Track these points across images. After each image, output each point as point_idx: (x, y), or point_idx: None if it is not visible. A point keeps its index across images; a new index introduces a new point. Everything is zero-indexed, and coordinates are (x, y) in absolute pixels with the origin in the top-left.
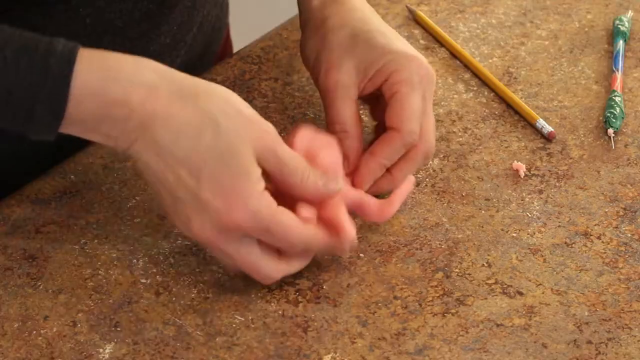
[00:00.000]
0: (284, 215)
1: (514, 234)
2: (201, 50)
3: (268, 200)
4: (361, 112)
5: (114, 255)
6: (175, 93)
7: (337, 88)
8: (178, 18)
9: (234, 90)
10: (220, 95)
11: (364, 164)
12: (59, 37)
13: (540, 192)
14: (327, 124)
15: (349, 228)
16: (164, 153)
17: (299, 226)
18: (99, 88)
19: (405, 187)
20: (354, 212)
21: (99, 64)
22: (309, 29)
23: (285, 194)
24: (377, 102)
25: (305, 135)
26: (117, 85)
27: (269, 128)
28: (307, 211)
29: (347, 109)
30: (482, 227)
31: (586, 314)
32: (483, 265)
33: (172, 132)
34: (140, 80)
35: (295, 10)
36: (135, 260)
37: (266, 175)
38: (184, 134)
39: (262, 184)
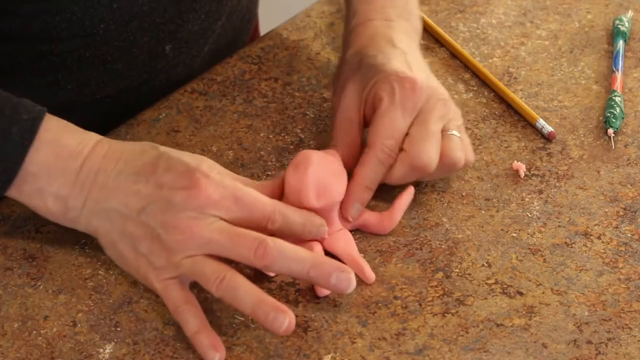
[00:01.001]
0: (246, 186)
1: (514, 234)
2: (230, 39)
3: (229, 176)
4: None
5: None
6: (117, 142)
7: (337, 107)
8: (206, 6)
9: (233, 90)
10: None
11: (347, 191)
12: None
13: (540, 192)
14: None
15: (367, 269)
16: (116, 183)
17: (262, 195)
18: (57, 140)
19: (406, 197)
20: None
21: (59, 123)
22: (338, 62)
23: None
24: None
25: (315, 170)
26: (73, 138)
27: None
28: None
29: (345, 127)
30: (482, 227)
31: (586, 314)
32: (483, 265)
33: (119, 161)
34: (91, 136)
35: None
36: None
37: None
38: (127, 157)
39: (216, 167)
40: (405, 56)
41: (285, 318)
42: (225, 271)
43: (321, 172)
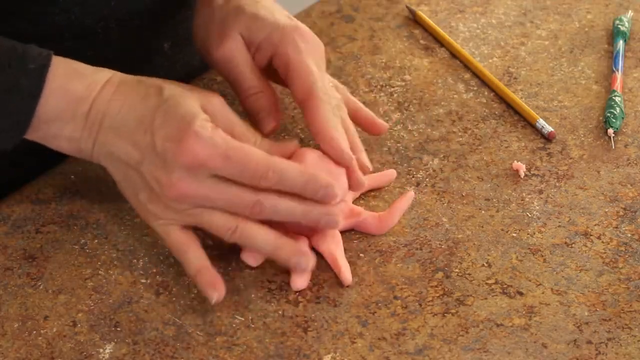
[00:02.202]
0: (239, 142)
1: (514, 234)
2: None
3: (222, 133)
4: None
5: (114, 255)
6: (125, 81)
7: (234, 56)
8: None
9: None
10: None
11: (327, 151)
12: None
13: (540, 192)
14: (240, 95)
15: (346, 271)
16: (119, 128)
17: (257, 151)
18: (66, 85)
19: (405, 200)
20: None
21: (66, 67)
22: (198, 10)
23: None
24: (275, 74)
25: (308, 167)
26: (81, 82)
27: (216, 95)
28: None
29: (252, 72)
30: (482, 227)
31: (586, 314)
32: (483, 265)
33: (122, 106)
34: (99, 77)
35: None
36: (135, 260)
37: None
38: (131, 102)
39: (210, 123)
40: (279, 8)
41: (308, 260)
42: (236, 221)
43: (316, 170)
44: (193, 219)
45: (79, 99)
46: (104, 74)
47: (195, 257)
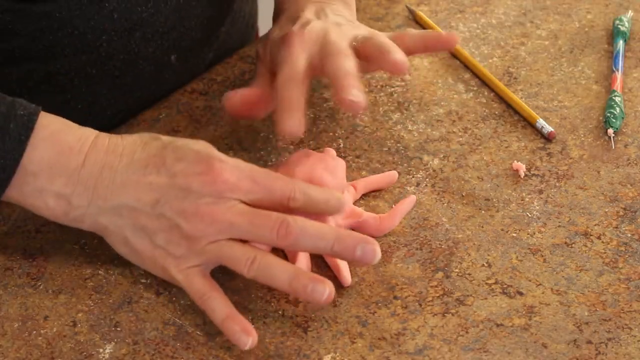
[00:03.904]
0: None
1: (514, 234)
2: (235, 46)
3: (242, 161)
4: None
5: (114, 255)
6: (115, 135)
7: (289, 66)
8: (207, 11)
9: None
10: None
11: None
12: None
13: (540, 192)
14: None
15: (345, 271)
16: (124, 178)
17: (279, 174)
18: (55, 136)
19: (407, 203)
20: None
21: (55, 119)
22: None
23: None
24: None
25: (303, 161)
26: (71, 134)
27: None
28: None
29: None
30: (482, 227)
31: (586, 314)
32: (483, 265)
33: (122, 156)
34: (89, 131)
35: None
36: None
37: None
38: (130, 151)
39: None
40: (343, 19)
41: (324, 288)
42: (255, 252)
43: (313, 172)
44: (214, 254)
45: (70, 150)
46: (92, 130)
47: (222, 304)
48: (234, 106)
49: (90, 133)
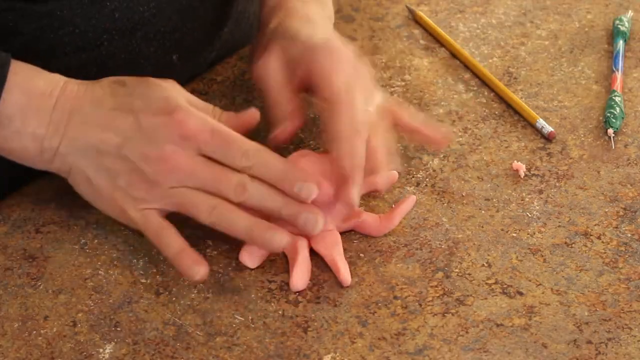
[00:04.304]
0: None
1: (514, 234)
2: (240, 46)
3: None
4: None
5: (114, 255)
6: (84, 82)
7: (268, 72)
8: (210, 12)
9: (233, 90)
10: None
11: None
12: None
13: (540, 192)
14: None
15: (345, 271)
16: (92, 120)
17: (241, 136)
18: (27, 81)
19: (407, 203)
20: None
21: (26, 67)
22: (257, 35)
23: None
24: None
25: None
26: (41, 79)
27: (169, 80)
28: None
29: (280, 89)
30: (482, 227)
31: (586, 314)
32: (483, 265)
33: (92, 100)
34: (59, 77)
35: None
36: (135, 260)
37: None
38: (100, 96)
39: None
40: (324, 29)
41: (282, 235)
42: (215, 200)
43: (311, 172)
44: (176, 198)
45: (42, 94)
46: (61, 77)
47: (175, 240)
48: (280, 142)
49: (59, 78)
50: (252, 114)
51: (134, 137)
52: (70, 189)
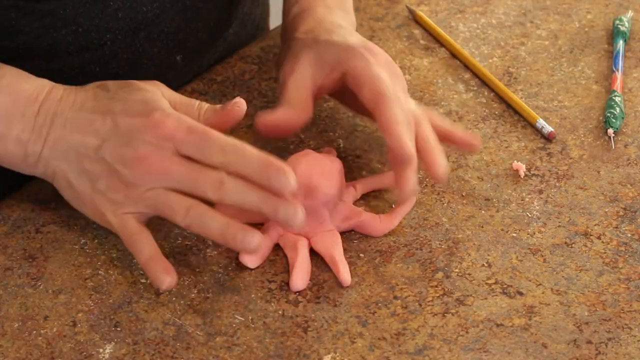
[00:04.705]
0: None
1: (514, 234)
2: (242, 47)
3: (183, 115)
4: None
5: (114, 255)
6: (69, 86)
7: (288, 78)
8: (214, 14)
9: (233, 90)
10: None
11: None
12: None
13: (540, 192)
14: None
15: (344, 271)
16: (73, 123)
17: (219, 132)
18: (12, 85)
19: (407, 203)
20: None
21: (13, 70)
22: (282, 40)
23: None
24: (344, 95)
25: (301, 164)
26: (28, 83)
27: (155, 81)
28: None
29: (297, 95)
30: (482, 227)
31: (586, 314)
32: (483, 265)
33: (74, 103)
34: (46, 82)
35: None
36: (135, 260)
37: None
38: (83, 100)
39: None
40: (354, 34)
41: (253, 236)
42: (190, 201)
43: (310, 173)
44: (152, 200)
45: (27, 98)
46: (48, 81)
47: (148, 246)
48: (266, 127)
49: (46, 83)
50: (237, 103)
51: (111, 138)
52: None
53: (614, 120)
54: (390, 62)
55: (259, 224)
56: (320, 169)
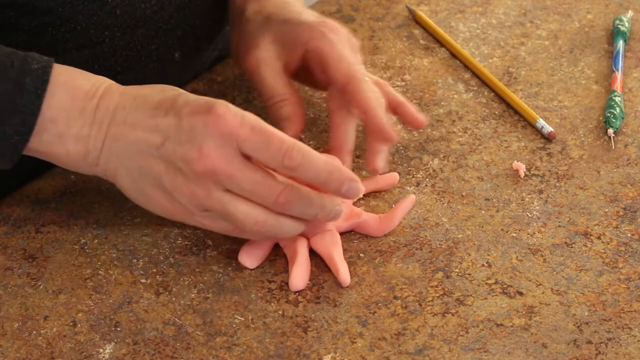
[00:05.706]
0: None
1: (514, 234)
2: None
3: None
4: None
5: (114, 255)
6: (130, 85)
7: (260, 64)
8: (212, 10)
9: (233, 90)
10: None
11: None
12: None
13: (540, 192)
14: (265, 102)
15: (344, 272)
16: (135, 119)
17: (283, 133)
18: (70, 82)
19: (407, 203)
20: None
21: (69, 68)
22: (231, 24)
23: None
24: (307, 74)
25: None
26: (86, 79)
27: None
28: None
29: (278, 80)
30: (482, 227)
31: (586, 314)
32: (483, 265)
33: (136, 97)
34: (103, 78)
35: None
36: (135, 260)
37: None
38: (146, 94)
39: None
40: (304, 9)
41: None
42: (265, 215)
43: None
44: (218, 204)
45: (86, 94)
46: (106, 78)
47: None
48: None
49: (105, 79)
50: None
51: (174, 135)
52: (70, 189)
53: (614, 120)
54: (348, 36)
55: None
56: None
